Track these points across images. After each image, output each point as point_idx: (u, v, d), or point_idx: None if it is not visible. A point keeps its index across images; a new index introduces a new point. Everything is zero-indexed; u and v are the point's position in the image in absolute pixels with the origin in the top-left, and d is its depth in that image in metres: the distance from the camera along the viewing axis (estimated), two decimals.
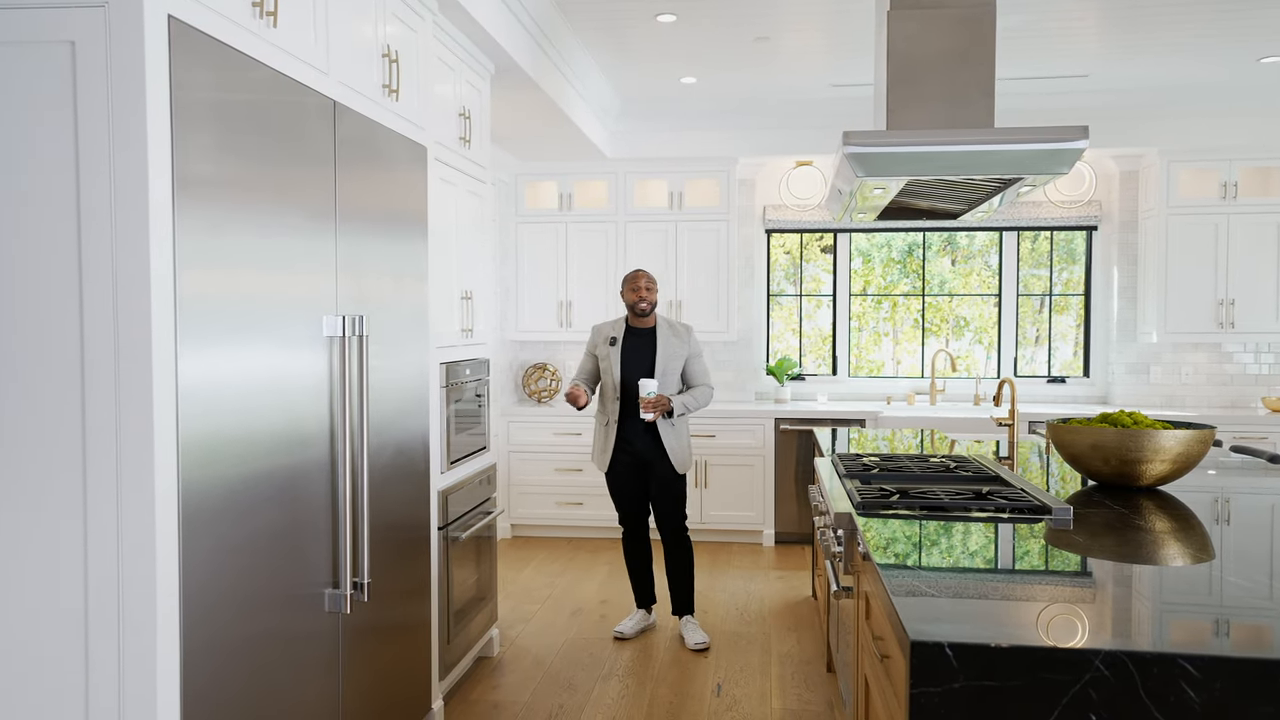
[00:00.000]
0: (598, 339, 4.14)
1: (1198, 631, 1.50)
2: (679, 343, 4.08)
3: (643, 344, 4.08)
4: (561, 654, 3.89)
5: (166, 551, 1.75)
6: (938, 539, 2.17)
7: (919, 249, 6.58)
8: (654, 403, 3.89)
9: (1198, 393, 5.99)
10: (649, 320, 4.09)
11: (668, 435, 4.02)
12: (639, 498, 4.14)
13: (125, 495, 1.72)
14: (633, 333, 4.10)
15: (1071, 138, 2.41)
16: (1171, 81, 5.20)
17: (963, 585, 1.76)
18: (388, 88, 2.71)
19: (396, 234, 2.80)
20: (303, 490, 2.24)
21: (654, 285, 4.09)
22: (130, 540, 1.73)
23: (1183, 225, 5.65)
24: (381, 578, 2.71)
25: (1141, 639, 1.46)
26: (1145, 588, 1.75)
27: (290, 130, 2.16)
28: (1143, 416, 2.90)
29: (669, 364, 4.04)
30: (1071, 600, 1.66)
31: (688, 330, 4.14)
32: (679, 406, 4.01)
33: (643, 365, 4.05)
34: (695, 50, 4.66)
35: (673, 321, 4.14)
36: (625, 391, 4.05)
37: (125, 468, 1.72)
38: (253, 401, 2.03)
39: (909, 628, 1.51)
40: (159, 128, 1.71)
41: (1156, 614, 1.59)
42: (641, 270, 4.07)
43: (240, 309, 1.98)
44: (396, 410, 2.82)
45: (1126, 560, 1.95)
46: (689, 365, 4.12)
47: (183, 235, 1.78)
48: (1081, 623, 1.54)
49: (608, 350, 4.07)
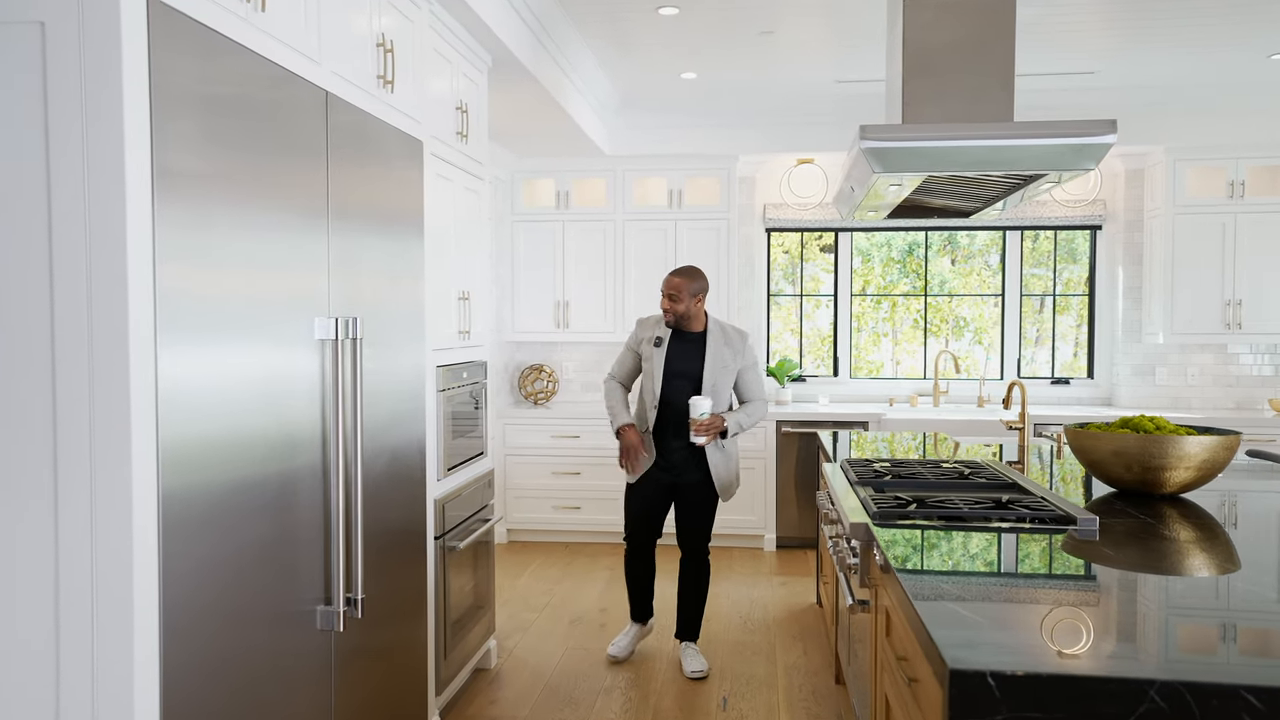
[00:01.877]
0: (642, 334, 3.70)
1: (1258, 658, 1.40)
2: (731, 353, 3.60)
3: (690, 351, 3.60)
4: (561, 665, 3.78)
5: (145, 565, 1.63)
6: (961, 552, 2.07)
7: (919, 248, 6.49)
8: (707, 425, 3.46)
9: (1203, 394, 5.90)
10: (696, 324, 3.61)
11: (715, 456, 3.62)
12: (657, 518, 3.75)
13: (100, 504, 1.60)
14: (680, 336, 3.62)
15: (1100, 132, 2.31)
16: (1179, 78, 5.11)
17: (997, 606, 1.65)
18: (382, 79, 2.60)
19: (391, 232, 2.69)
20: (293, 500, 2.12)
21: (682, 293, 3.52)
22: (105, 552, 1.61)
23: (1190, 225, 5.56)
24: (376, 591, 2.59)
25: (1198, 668, 1.36)
26: (1189, 605, 1.64)
27: (279, 121, 2.05)
28: (1165, 421, 2.80)
29: (718, 377, 3.58)
30: (1116, 621, 1.56)
31: (742, 337, 3.65)
32: (733, 427, 3.57)
33: (688, 376, 3.59)
34: (697, 44, 4.55)
35: (726, 326, 3.66)
36: (665, 403, 3.62)
37: (100, 474, 1.60)
38: (240, 406, 1.91)
39: (946, 654, 1.40)
40: (137, 116, 1.59)
41: (1208, 638, 1.49)
42: (671, 275, 3.57)
43: (227, 309, 1.86)
44: (391, 415, 2.71)
45: (1162, 573, 1.85)
46: (742, 377, 3.65)
47: (163, 230, 1.66)
48: (1131, 648, 1.43)
49: (651, 351, 3.63)
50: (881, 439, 4.17)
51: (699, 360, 3.59)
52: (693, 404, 3.46)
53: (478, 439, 3.60)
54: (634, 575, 3.85)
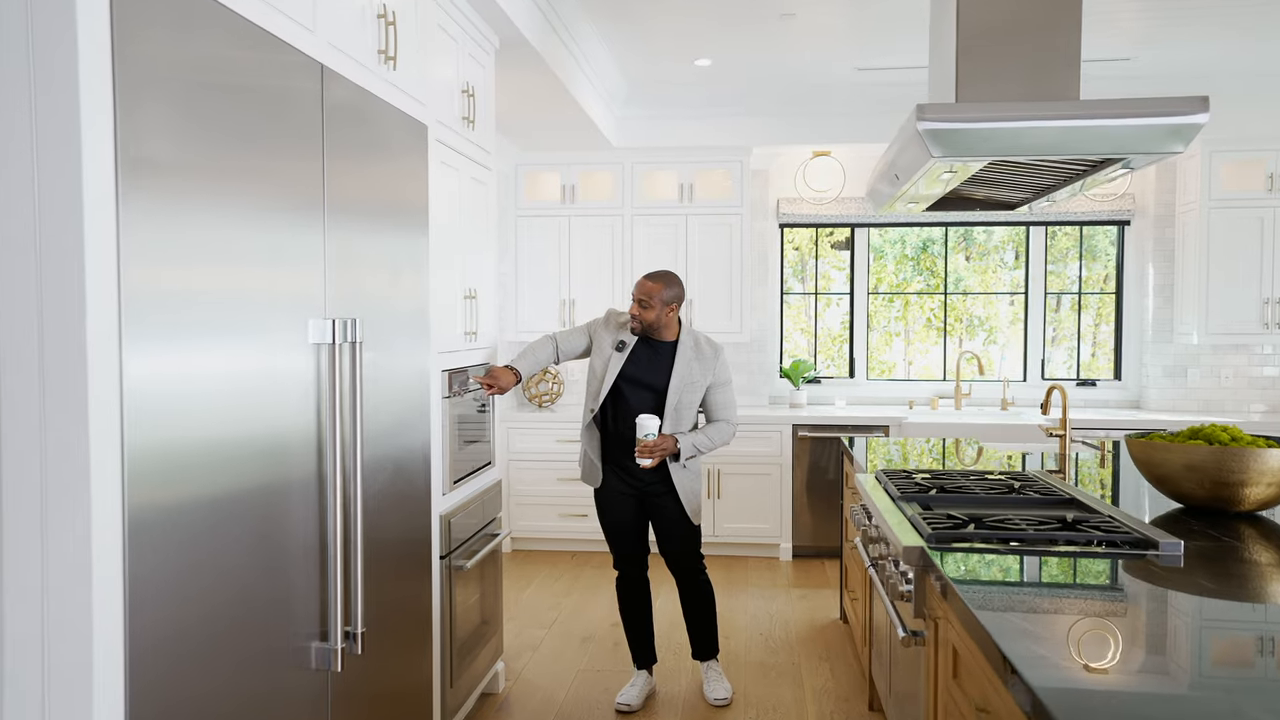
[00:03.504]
0: (606, 329, 3.32)
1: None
2: (701, 368, 3.25)
3: (657, 362, 3.24)
4: (574, 690, 3.53)
5: (107, 600, 1.39)
6: (1041, 584, 1.83)
7: (934, 245, 6.25)
8: (653, 446, 3.12)
9: (1236, 396, 5.67)
10: (668, 333, 3.26)
11: (680, 476, 3.26)
12: (637, 533, 3.36)
13: (53, 526, 1.36)
14: (647, 343, 3.26)
15: (1192, 110, 2.07)
16: (1216, 66, 4.87)
17: (1115, 667, 1.40)
18: (384, 54, 2.35)
19: (393, 225, 2.44)
20: (285, 520, 1.88)
21: (654, 300, 3.15)
22: (59, 584, 1.36)
23: (1225, 219, 5.32)
24: (377, 620, 2.34)
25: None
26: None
27: (268, 97, 1.80)
28: (1239, 431, 2.57)
29: (684, 394, 3.23)
30: (1247, 677, 1.31)
31: (715, 352, 3.29)
32: (687, 450, 3.20)
33: (651, 388, 3.23)
34: (714, 27, 4.31)
35: (700, 337, 3.31)
36: (617, 410, 3.27)
37: (53, 492, 1.35)
38: (224, 416, 1.66)
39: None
40: (95, 84, 1.34)
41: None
42: (644, 279, 3.20)
43: (210, 310, 1.61)
44: (394, 424, 2.46)
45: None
46: (711, 395, 3.30)
47: (129, 220, 1.42)
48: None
49: (611, 354, 3.26)
50: (910, 445, 3.93)
51: (665, 374, 3.24)
52: (639, 423, 3.13)
53: (485, 447, 3.35)
54: (626, 610, 3.43)
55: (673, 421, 3.24)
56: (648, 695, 3.42)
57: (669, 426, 3.23)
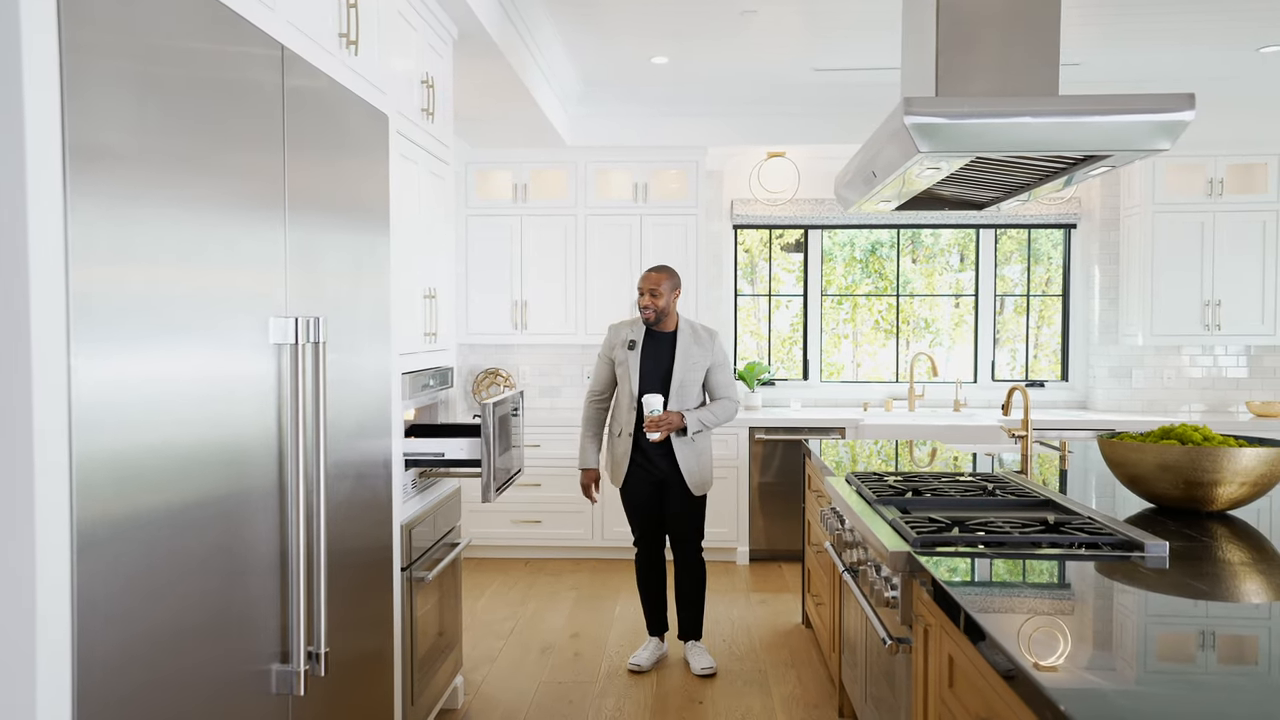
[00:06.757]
0: (615, 341, 3.74)
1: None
2: (700, 351, 3.67)
3: (662, 351, 3.68)
4: (535, 702, 3.41)
5: (53, 617, 1.25)
6: (1034, 587, 1.79)
7: (882, 248, 6.28)
8: (659, 421, 3.53)
9: (1178, 396, 5.80)
10: (669, 324, 3.68)
11: (683, 453, 3.65)
12: (656, 516, 3.79)
13: None
14: (652, 337, 3.69)
15: (1178, 107, 2.06)
16: (1163, 71, 4.97)
17: (1131, 670, 1.36)
18: (345, 37, 2.22)
19: (354, 218, 2.30)
20: (246, 531, 1.74)
21: (660, 288, 3.61)
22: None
23: (1168, 224, 5.44)
24: (339, 639, 2.21)
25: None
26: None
27: (227, 81, 1.66)
28: (1210, 431, 2.58)
29: (688, 374, 3.64)
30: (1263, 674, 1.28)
31: (711, 336, 3.72)
32: (693, 424, 3.62)
33: (659, 375, 3.66)
34: (673, 24, 4.24)
35: (696, 325, 3.74)
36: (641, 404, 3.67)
37: None
38: (180, 420, 1.53)
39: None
40: (41, 72, 1.20)
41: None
42: (649, 271, 3.64)
43: (164, 310, 1.47)
44: (356, 429, 2.33)
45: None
46: (711, 375, 3.71)
47: (79, 212, 1.28)
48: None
49: (625, 355, 3.68)
50: (871, 446, 3.92)
51: (669, 359, 3.66)
52: (645, 401, 3.54)
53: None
54: (643, 583, 3.84)
55: (678, 399, 3.63)
56: (658, 659, 3.80)
57: (674, 404, 3.62)
